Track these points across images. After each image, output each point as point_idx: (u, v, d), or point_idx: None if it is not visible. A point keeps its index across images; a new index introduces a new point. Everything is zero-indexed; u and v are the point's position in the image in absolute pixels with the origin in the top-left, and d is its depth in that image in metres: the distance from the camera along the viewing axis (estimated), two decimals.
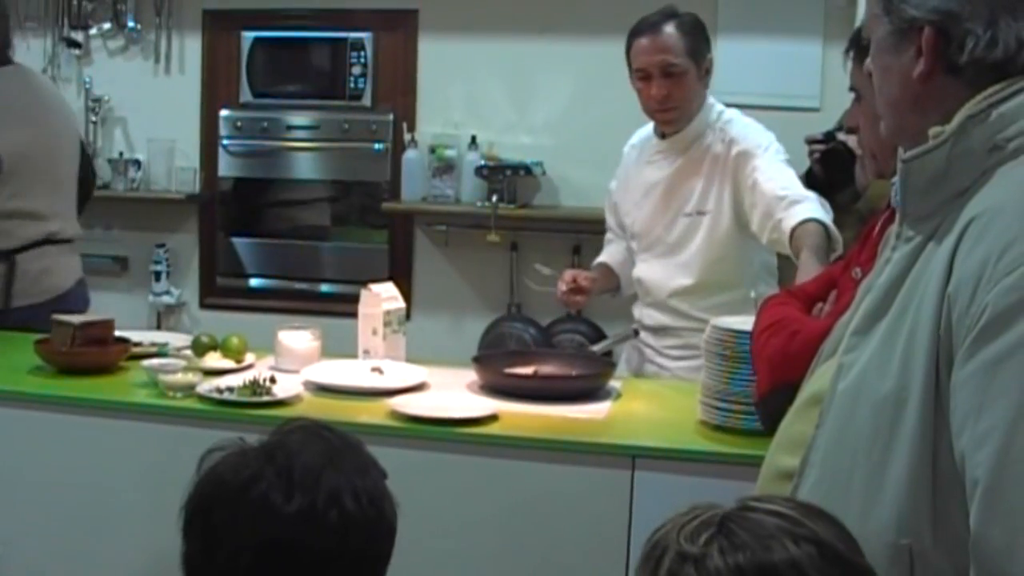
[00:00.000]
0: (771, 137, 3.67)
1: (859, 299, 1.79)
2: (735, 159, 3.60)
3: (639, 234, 3.81)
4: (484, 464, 2.89)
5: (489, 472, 2.89)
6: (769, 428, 2.39)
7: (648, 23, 3.60)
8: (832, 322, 2.10)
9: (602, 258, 4.02)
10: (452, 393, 3.21)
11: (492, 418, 2.97)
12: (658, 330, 3.76)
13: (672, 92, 3.58)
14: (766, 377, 2.47)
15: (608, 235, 4.06)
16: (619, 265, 3.95)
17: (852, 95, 2.46)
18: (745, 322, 2.92)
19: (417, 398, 3.13)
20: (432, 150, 5.54)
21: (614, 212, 3.97)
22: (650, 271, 3.78)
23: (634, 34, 3.62)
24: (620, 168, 3.96)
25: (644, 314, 3.82)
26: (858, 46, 2.39)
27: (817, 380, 1.84)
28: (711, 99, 3.73)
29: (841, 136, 3.72)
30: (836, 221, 4.00)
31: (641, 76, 3.60)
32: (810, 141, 3.92)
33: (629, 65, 3.64)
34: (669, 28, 3.57)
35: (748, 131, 3.67)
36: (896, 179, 1.71)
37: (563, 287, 3.75)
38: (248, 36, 5.78)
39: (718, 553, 1.29)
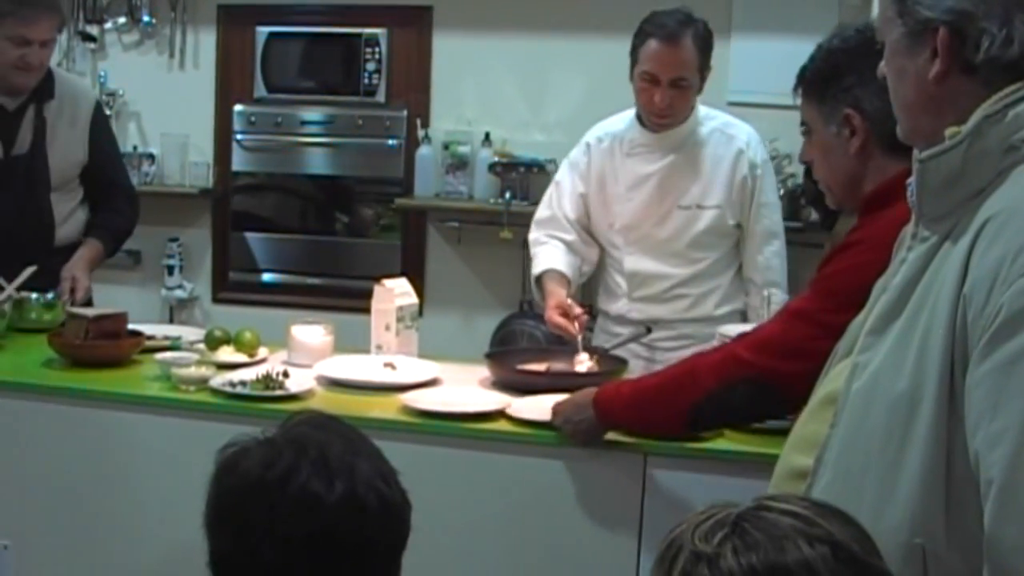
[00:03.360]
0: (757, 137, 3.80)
1: (874, 299, 1.79)
2: (750, 171, 3.70)
3: (626, 227, 3.76)
4: (496, 460, 2.89)
5: (501, 468, 2.89)
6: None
7: (667, 30, 3.52)
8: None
9: (556, 266, 3.74)
10: (464, 389, 3.21)
11: (501, 412, 2.98)
12: (648, 324, 3.74)
13: (675, 103, 3.59)
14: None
15: (538, 236, 3.87)
16: (569, 268, 3.77)
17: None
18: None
19: (428, 393, 3.14)
20: (445, 147, 5.54)
21: (577, 206, 3.84)
22: (645, 264, 3.75)
23: (649, 34, 3.55)
24: (584, 162, 3.85)
25: (632, 309, 3.79)
26: (805, 83, 2.41)
27: (832, 380, 1.84)
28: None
29: None
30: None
31: (648, 79, 3.57)
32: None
33: (634, 59, 3.60)
34: (687, 41, 3.52)
35: (753, 141, 3.76)
36: (912, 179, 1.71)
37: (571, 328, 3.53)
38: (263, 31, 5.78)
39: (732, 553, 1.28)
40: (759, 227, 3.75)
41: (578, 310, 3.55)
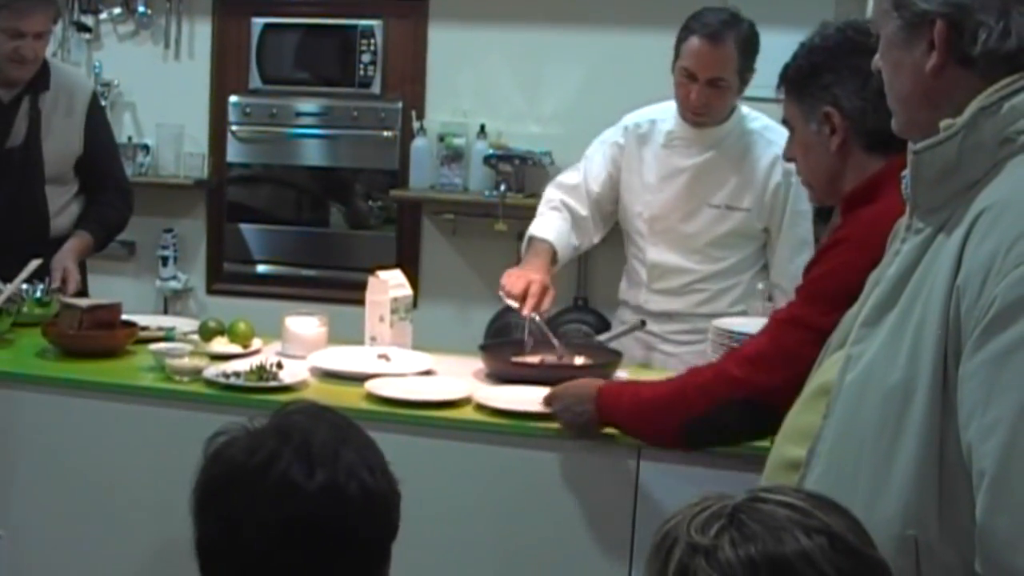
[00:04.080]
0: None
1: (868, 290, 1.79)
2: (785, 178, 3.63)
3: (653, 218, 3.72)
4: (489, 452, 2.89)
5: (494, 461, 2.89)
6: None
7: (711, 28, 3.49)
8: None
9: (547, 236, 3.66)
10: (454, 379, 3.21)
11: (466, 400, 3.00)
12: (664, 316, 3.74)
13: (711, 102, 3.55)
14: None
15: (554, 198, 3.81)
16: (561, 243, 3.67)
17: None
18: (749, 323, 2.92)
19: (424, 382, 3.14)
20: (441, 138, 5.54)
21: (603, 185, 3.79)
22: (668, 257, 3.72)
23: (692, 31, 3.52)
24: (620, 144, 3.81)
25: (650, 300, 3.76)
26: (788, 81, 2.44)
27: (825, 371, 1.84)
28: None
29: None
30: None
31: (686, 75, 3.53)
32: None
33: (676, 53, 3.56)
34: (729, 41, 3.49)
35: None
36: (906, 171, 1.71)
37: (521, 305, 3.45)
38: (258, 22, 5.77)
39: (729, 545, 1.28)
40: (793, 235, 3.71)
41: (543, 299, 3.42)
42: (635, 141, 3.79)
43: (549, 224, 3.74)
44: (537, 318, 3.42)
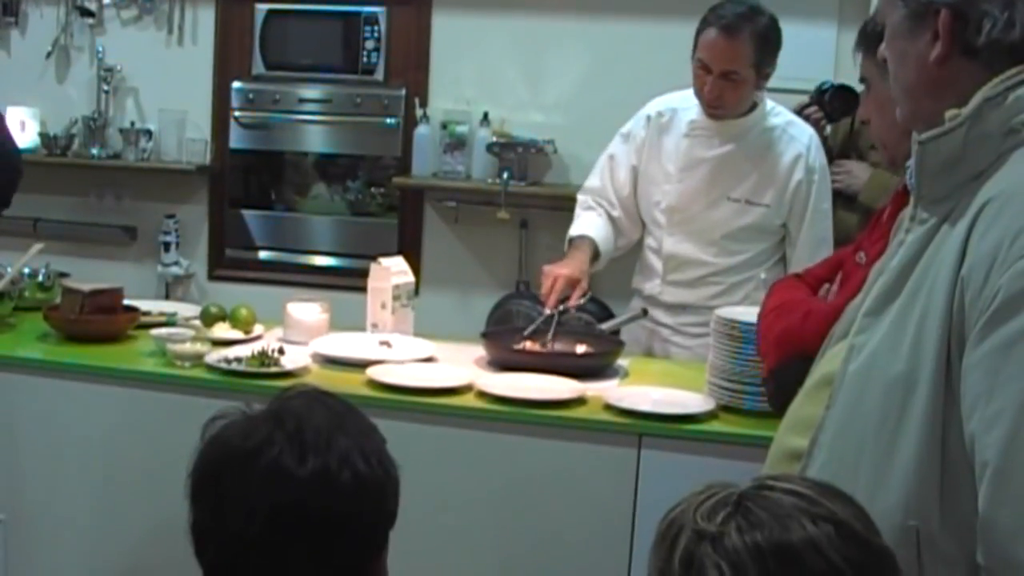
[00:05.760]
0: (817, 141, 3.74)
1: (871, 280, 1.79)
2: (807, 176, 3.65)
3: (672, 208, 3.71)
4: (490, 440, 2.89)
5: (495, 448, 2.89)
6: (778, 406, 2.30)
7: (726, 20, 3.47)
8: (841, 303, 2.09)
9: (588, 232, 3.75)
10: (455, 366, 3.21)
11: (468, 387, 3.00)
12: (678, 307, 3.73)
13: (725, 94, 3.54)
14: (774, 352, 2.46)
15: (587, 199, 3.87)
16: (603, 240, 3.75)
17: (863, 86, 2.45)
18: (750, 312, 2.92)
19: (415, 369, 3.14)
20: (444, 126, 5.53)
21: (630, 181, 3.80)
22: (684, 249, 3.71)
23: (710, 22, 3.51)
24: (641, 136, 3.79)
25: (664, 291, 3.75)
26: (867, 38, 2.39)
27: (828, 362, 1.84)
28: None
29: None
30: (842, 204, 3.98)
31: (701, 65, 3.53)
32: (802, 111, 3.94)
33: (694, 43, 3.55)
34: (744, 35, 3.46)
35: (813, 145, 3.69)
36: (911, 161, 1.71)
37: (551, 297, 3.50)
38: (262, 8, 5.75)
39: (736, 532, 1.29)
40: (814, 234, 3.69)
41: (576, 292, 3.50)
42: (656, 130, 3.77)
43: (585, 222, 3.78)
44: (553, 314, 3.46)
